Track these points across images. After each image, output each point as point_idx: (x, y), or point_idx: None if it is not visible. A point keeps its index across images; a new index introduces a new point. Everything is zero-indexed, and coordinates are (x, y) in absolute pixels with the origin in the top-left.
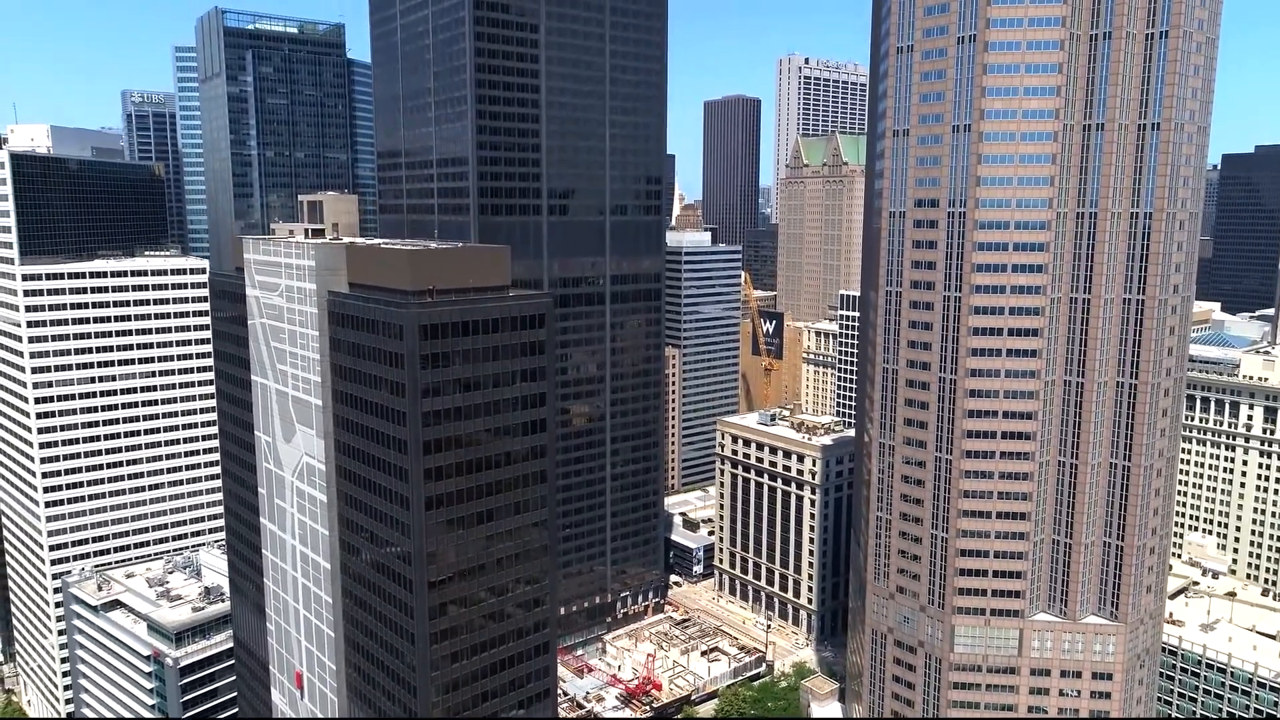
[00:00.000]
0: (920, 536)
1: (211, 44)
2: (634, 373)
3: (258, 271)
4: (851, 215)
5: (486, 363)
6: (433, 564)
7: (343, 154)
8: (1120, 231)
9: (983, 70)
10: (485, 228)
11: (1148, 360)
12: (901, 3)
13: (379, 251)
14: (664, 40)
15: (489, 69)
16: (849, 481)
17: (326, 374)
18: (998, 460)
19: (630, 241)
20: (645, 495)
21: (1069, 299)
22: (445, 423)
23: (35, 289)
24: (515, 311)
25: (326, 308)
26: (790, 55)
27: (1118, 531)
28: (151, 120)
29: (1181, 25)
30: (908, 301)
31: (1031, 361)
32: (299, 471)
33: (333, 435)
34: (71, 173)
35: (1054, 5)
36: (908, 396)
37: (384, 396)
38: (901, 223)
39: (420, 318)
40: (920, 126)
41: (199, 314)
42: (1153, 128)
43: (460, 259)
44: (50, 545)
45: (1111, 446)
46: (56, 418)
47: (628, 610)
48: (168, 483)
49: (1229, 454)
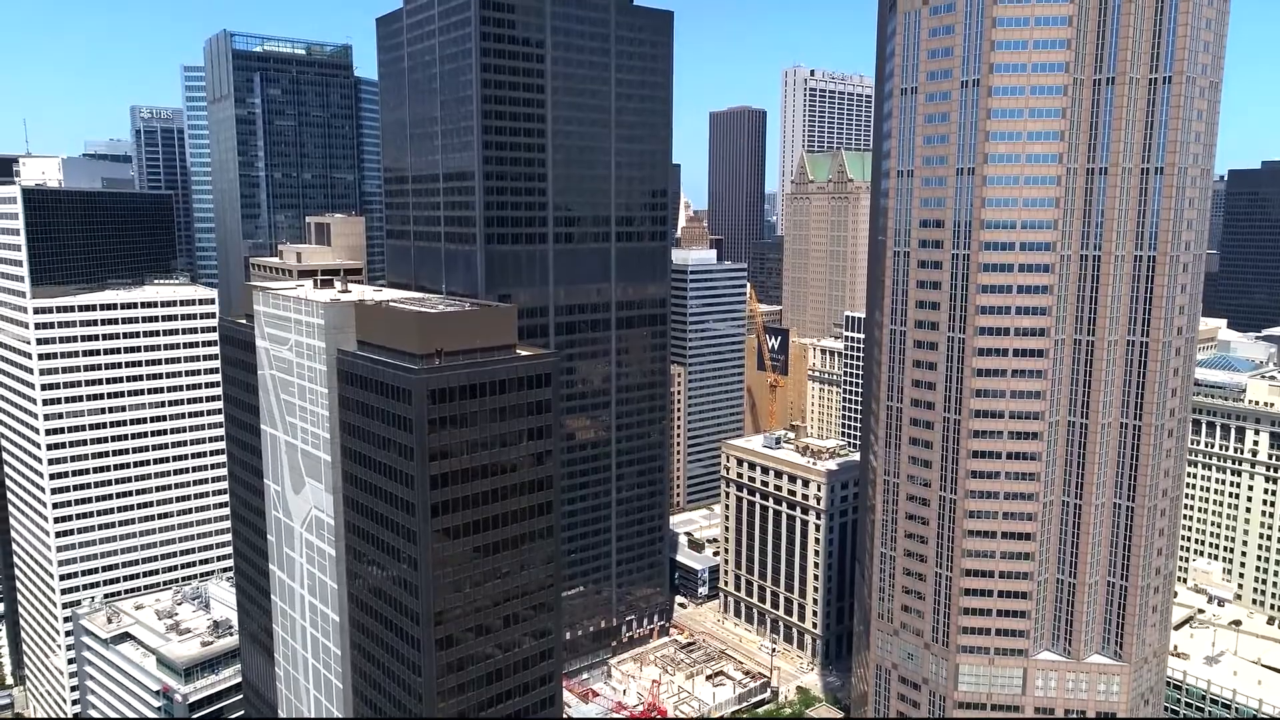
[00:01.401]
0: (924, 574)
1: (220, 66)
2: (639, 397)
3: (267, 324)
4: (857, 231)
5: (493, 424)
6: (440, 624)
7: (350, 174)
8: (1124, 274)
9: (986, 115)
10: (492, 256)
11: (1151, 401)
12: (905, 45)
13: (388, 312)
14: (669, 68)
15: (495, 99)
16: (854, 506)
17: (335, 430)
18: (1002, 500)
19: (636, 267)
20: (650, 520)
21: (1073, 340)
22: (453, 485)
23: (47, 321)
24: (521, 372)
25: (336, 366)
26: (796, 67)
27: (1122, 571)
28: (160, 136)
29: (1185, 71)
30: (912, 341)
31: (1035, 403)
32: (308, 523)
33: (341, 491)
34: (81, 204)
35: (1057, 51)
36: (912, 435)
37: (392, 458)
38: (906, 263)
39: (429, 382)
40: (924, 168)
41: (208, 344)
42: (1156, 172)
43: (467, 320)
44: (61, 575)
45: (1115, 487)
46: (67, 448)
47: (633, 634)
48: (177, 511)
49: (1234, 479)
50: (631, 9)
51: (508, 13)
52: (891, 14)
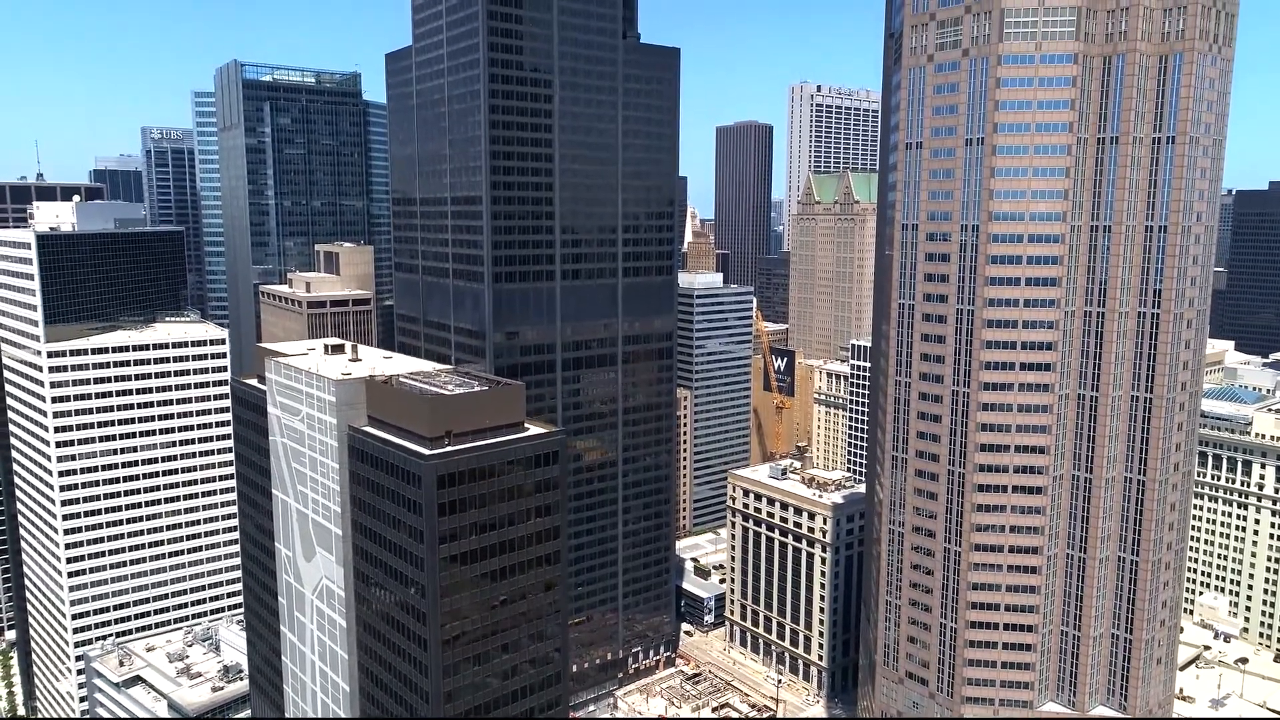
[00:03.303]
0: (929, 624)
1: (230, 95)
2: (646, 430)
3: (279, 393)
4: (863, 253)
5: (502, 504)
6: (450, 702)
7: (358, 201)
8: (1129, 330)
9: (991, 173)
10: (499, 294)
11: (1155, 456)
12: (910, 100)
13: (399, 393)
14: (675, 104)
15: (504, 140)
16: (859, 539)
17: (346, 504)
18: (1006, 554)
19: (642, 300)
20: (657, 550)
21: (1077, 394)
22: (462, 565)
23: (60, 365)
24: (529, 452)
25: (347, 442)
26: (802, 83)
27: (1126, 624)
28: (170, 157)
29: (1188, 131)
30: (917, 393)
31: (1039, 458)
32: (319, 591)
33: (352, 564)
34: (94, 246)
35: (1061, 111)
36: (917, 486)
37: (402, 538)
38: (911, 315)
39: (439, 468)
40: (929, 223)
41: (218, 383)
42: (1160, 230)
43: (477, 401)
44: (73, 614)
45: (1120, 540)
46: (80, 489)
47: (639, 665)
48: (187, 549)
49: (1241, 512)
50: (638, 47)
51: (516, 54)
52: (896, 67)
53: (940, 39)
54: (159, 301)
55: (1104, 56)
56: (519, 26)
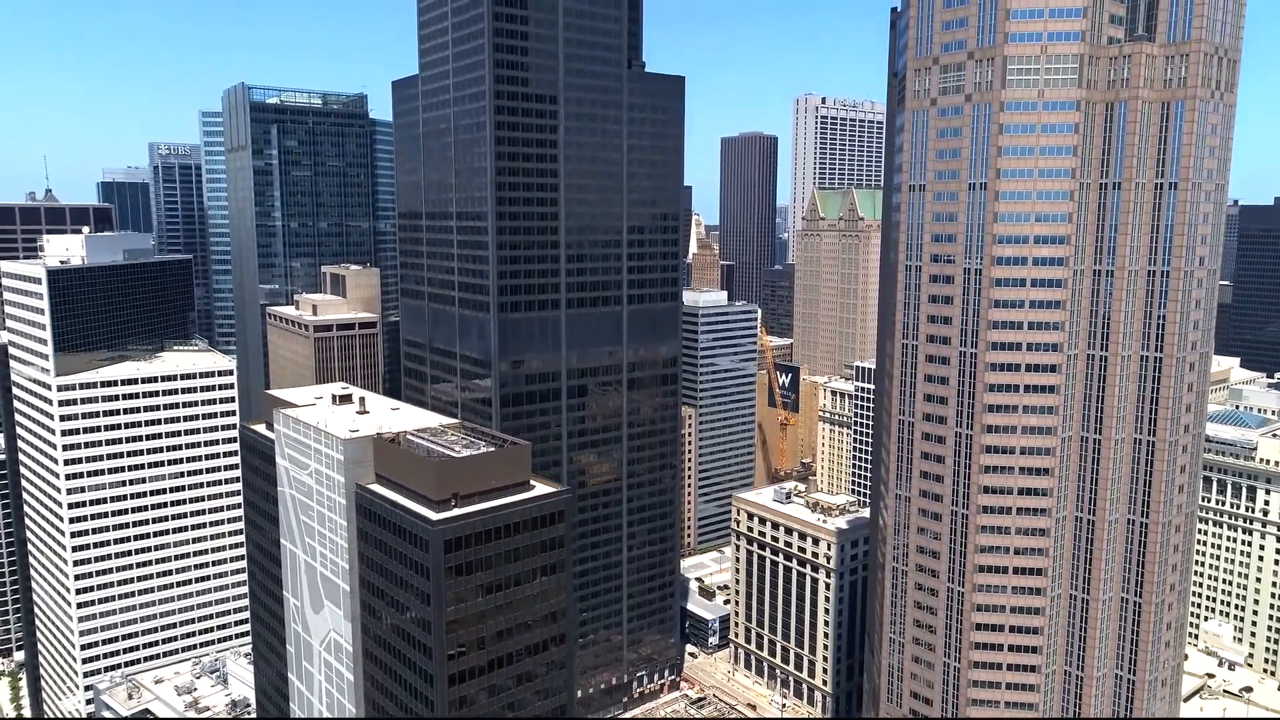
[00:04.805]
0: (933, 662)
1: (238, 118)
2: (650, 454)
3: (288, 445)
4: (868, 270)
5: (508, 565)
6: None
7: (365, 221)
8: (1130, 374)
9: (993, 218)
10: (505, 324)
11: (1158, 502)
12: (913, 143)
13: (406, 454)
14: (681, 131)
15: (509, 171)
16: (864, 565)
17: (354, 561)
18: (1010, 594)
19: (647, 328)
20: (662, 575)
21: (1080, 437)
22: (468, 627)
23: (69, 398)
24: (535, 513)
25: (355, 500)
26: (807, 95)
27: (1129, 664)
28: (178, 172)
29: (1190, 177)
30: (921, 433)
31: (1041, 500)
32: (326, 644)
33: (359, 620)
34: (103, 278)
35: (1064, 157)
36: (920, 525)
37: (409, 600)
38: (915, 355)
39: (446, 533)
40: (932, 265)
41: (226, 414)
42: (1163, 275)
43: (483, 463)
44: (82, 644)
45: (1123, 582)
46: (89, 521)
47: (644, 689)
48: (195, 579)
49: (1245, 538)
50: (643, 75)
51: (521, 85)
52: (900, 108)
53: (943, 83)
54: (167, 330)
55: (1106, 103)
56: (524, 58)
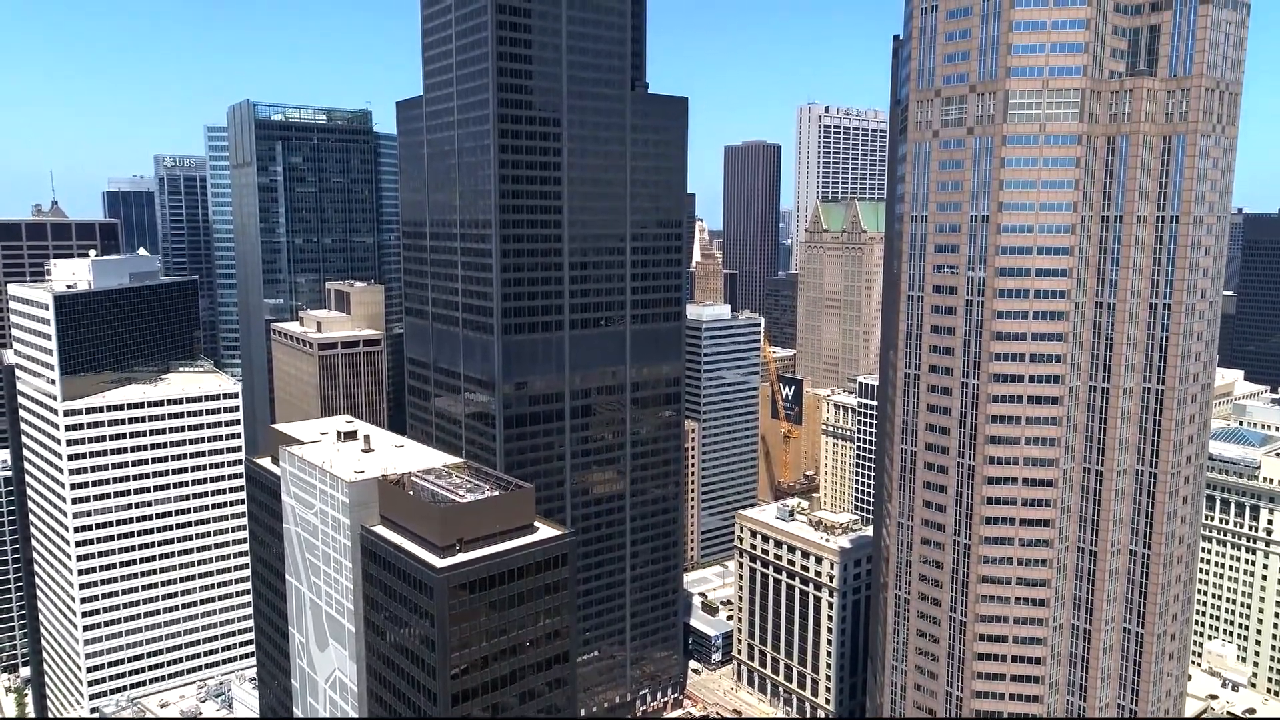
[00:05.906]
0: (935, 690)
1: (243, 134)
2: (654, 473)
3: (293, 484)
4: (870, 282)
5: (512, 609)
6: None
7: (369, 237)
8: (1132, 406)
9: (995, 251)
10: (509, 346)
11: (1160, 534)
12: (915, 173)
13: (411, 500)
14: (684, 152)
15: (513, 194)
16: (867, 584)
17: (359, 602)
18: (1012, 625)
19: (651, 347)
20: (665, 593)
21: (1082, 468)
22: (472, 673)
23: (76, 423)
24: (539, 556)
25: (360, 543)
26: (810, 104)
27: (1131, 695)
28: (183, 184)
29: (1192, 211)
30: (923, 463)
31: (1044, 532)
32: (332, 682)
33: (364, 661)
34: (109, 302)
35: (1065, 191)
36: (923, 555)
37: (414, 643)
38: (918, 384)
39: (451, 579)
40: (934, 295)
41: (232, 436)
42: (1164, 308)
43: (488, 508)
44: (88, 666)
45: (1125, 611)
46: (95, 544)
47: (647, 708)
48: (200, 600)
49: (1249, 557)
50: (647, 97)
51: (525, 108)
52: (902, 139)
53: (945, 116)
54: (172, 351)
55: (1108, 137)
56: (528, 81)
